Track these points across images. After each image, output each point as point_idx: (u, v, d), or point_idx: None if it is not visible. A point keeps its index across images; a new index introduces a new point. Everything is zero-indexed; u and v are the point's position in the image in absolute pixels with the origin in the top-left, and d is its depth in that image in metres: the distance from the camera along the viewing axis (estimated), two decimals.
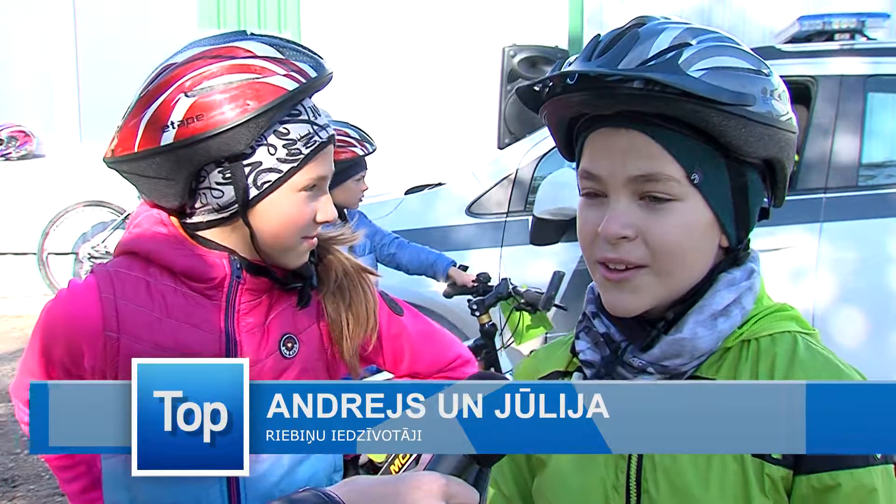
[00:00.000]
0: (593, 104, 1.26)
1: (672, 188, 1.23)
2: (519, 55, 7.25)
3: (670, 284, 1.27)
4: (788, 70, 4.92)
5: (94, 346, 1.72)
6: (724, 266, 1.31)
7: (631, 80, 1.20)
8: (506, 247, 5.00)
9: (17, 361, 7.37)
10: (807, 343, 1.30)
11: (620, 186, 1.25)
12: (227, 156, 1.66)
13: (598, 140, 1.28)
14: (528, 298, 4.05)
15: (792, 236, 4.70)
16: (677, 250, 1.25)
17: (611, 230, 1.24)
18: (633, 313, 1.29)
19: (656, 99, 1.20)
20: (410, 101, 9.51)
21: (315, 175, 1.72)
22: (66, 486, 1.96)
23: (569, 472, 1.38)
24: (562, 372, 1.46)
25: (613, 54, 1.22)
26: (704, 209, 1.26)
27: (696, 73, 1.19)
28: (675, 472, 1.27)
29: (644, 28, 1.25)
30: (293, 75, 1.66)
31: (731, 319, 1.29)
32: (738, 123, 1.21)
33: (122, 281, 1.75)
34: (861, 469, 1.19)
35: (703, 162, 1.24)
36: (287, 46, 1.71)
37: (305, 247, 1.78)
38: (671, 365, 1.28)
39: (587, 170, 1.29)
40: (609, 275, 1.28)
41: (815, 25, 5.45)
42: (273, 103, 1.64)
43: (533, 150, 5.12)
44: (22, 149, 9.52)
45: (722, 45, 1.25)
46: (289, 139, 1.68)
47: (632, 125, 1.24)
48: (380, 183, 7.02)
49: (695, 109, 1.20)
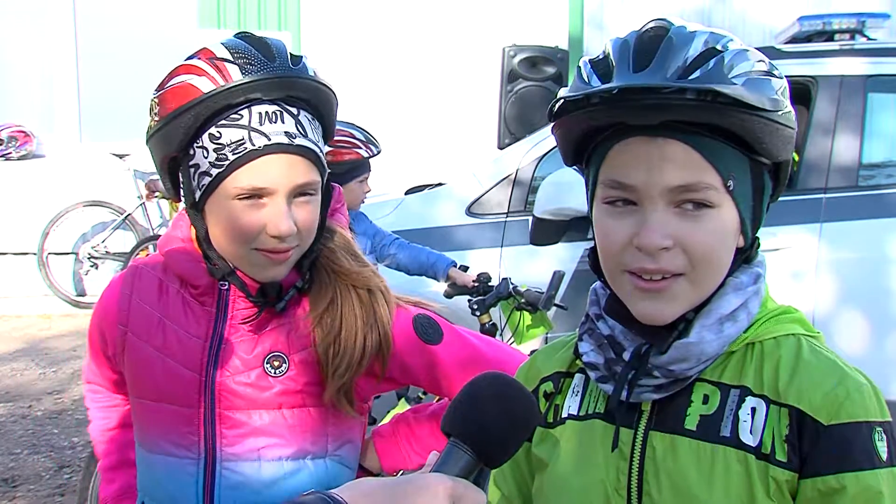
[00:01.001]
0: (639, 115, 1.22)
1: (711, 196, 1.23)
2: (519, 55, 7.26)
3: (702, 290, 1.27)
4: (788, 70, 4.86)
5: (112, 336, 1.85)
6: (736, 267, 1.31)
7: (684, 91, 1.18)
8: (506, 247, 4.98)
9: (18, 362, 7.43)
10: (811, 345, 1.29)
11: (657, 196, 1.23)
12: (169, 155, 1.68)
13: (629, 149, 1.24)
14: (529, 298, 4.05)
15: (792, 236, 4.69)
16: (714, 257, 1.25)
17: (652, 242, 1.22)
18: (667, 321, 1.28)
19: (708, 109, 1.19)
20: (410, 101, 9.52)
21: (248, 185, 1.62)
22: (106, 486, 2.04)
23: (569, 472, 1.37)
24: (564, 373, 1.46)
25: (658, 64, 1.20)
26: (734, 213, 1.26)
27: (737, 80, 1.19)
28: (677, 473, 1.27)
29: (673, 33, 1.23)
30: (215, 78, 1.61)
31: (737, 324, 1.29)
32: (772, 129, 1.22)
33: (141, 279, 1.84)
34: (867, 472, 1.19)
35: (735, 168, 1.24)
36: (245, 50, 1.64)
37: (262, 259, 1.68)
38: (677, 369, 1.27)
39: (617, 179, 1.25)
40: (643, 284, 1.26)
41: (815, 26, 5.43)
42: (183, 107, 1.61)
43: (533, 151, 5.10)
44: (22, 149, 9.52)
45: (742, 50, 1.24)
46: (219, 143, 1.62)
47: (667, 134, 1.22)
48: (380, 183, 7.03)
49: (742, 118, 1.20)
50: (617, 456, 1.32)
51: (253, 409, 1.75)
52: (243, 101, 1.61)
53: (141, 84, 9.55)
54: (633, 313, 1.30)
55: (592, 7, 9.80)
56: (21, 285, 9.21)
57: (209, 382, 1.75)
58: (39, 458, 5.38)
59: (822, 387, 1.23)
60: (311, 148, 1.65)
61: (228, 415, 1.75)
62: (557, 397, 1.45)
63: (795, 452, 1.22)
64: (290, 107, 1.64)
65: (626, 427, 1.32)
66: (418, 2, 9.79)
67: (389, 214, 5.17)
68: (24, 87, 9.96)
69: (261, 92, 1.61)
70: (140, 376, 1.82)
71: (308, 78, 1.65)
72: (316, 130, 1.69)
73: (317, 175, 1.68)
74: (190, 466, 1.75)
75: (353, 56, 9.23)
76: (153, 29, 9.73)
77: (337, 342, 1.74)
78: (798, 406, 1.22)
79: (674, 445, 1.28)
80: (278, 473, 1.76)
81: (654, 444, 1.29)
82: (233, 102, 1.61)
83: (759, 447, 1.23)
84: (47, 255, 9.11)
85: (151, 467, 1.82)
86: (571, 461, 1.38)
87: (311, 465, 1.78)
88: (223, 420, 1.75)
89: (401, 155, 8.53)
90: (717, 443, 1.26)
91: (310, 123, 1.67)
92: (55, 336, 8.22)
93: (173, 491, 1.76)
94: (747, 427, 1.25)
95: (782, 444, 1.22)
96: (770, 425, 1.24)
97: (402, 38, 9.65)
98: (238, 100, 1.61)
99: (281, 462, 1.76)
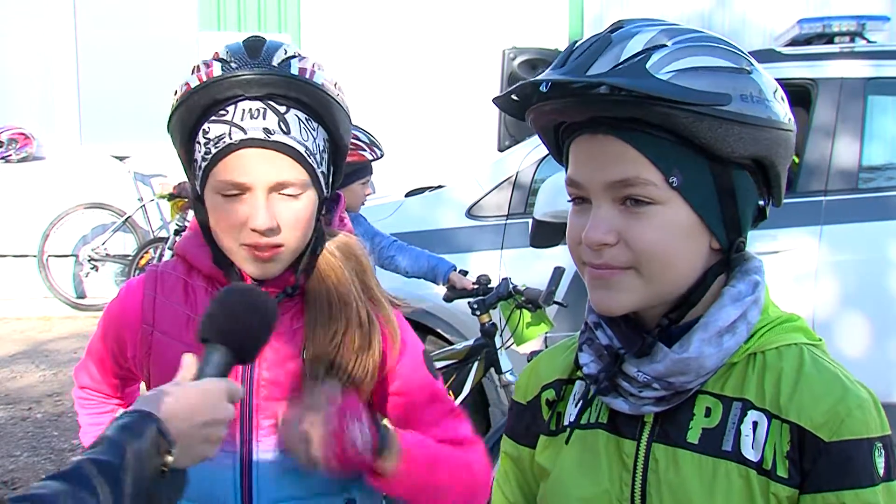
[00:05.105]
0: (566, 112, 1.26)
1: (651, 192, 1.22)
2: (519, 57, 7.24)
3: (656, 287, 1.26)
4: (788, 73, 4.92)
5: (134, 338, 1.84)
6: (717, 269, 1.29)
7: (596, 86, 1.19)
8: (506, 249, 4.99)
9: (18, 364, 7.42)
10: (814, 357, 1.28)
11: (600, 192, 1.24)
12: (179, 149, 1.74)
13: (578, 146, 1.27)
14: (529, 295, 4.08)
15: (792, 239, 4.69)
16: (660, 253, 1.23)
17: (592, 237, 1.24)
18: (618, 311, 1.28)
19: (624, 104, 1.19)
20: (410, 104, 9.52)
21: (227, 178, 1.66)
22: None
23: (572, 481, 1.38)
24: (564, 380, 1.46)
25: (583, 60, 1.21)
26: (686, 211, 1.24)
27: (665, 75, 1.18)
28: (679, 486, 1.27)
29: (618, 32, 1.24)
30: (201, 76, 1.66)
31: (736, 336, 1.27)
32: (713, 124, 1.19)
33: (164, 280, 1.85)
34: (866, 489, 1.19)
35: (681, 164, 1.22)
36: (235, 50, 1.68)
37: (247, 255, 1.70)
38: (677, 382, 1.27)
39: (570, 176, 1.29)
40: (595, 271, 1.27)
41: (815, 28, 5.43)
42: (177, 102, 1.68)
43: (533, 153, 5.10)
44: (22, 151, 9.53)
45: (699, 45, 1.23)
46: (207, 138, 1.67)
47: (607, 131, 1.23)
48: (380, 185, 7.03)
49: (663, 112, 1.18)
50: (621, 467, 1.32)
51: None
52: (229, 97, 1.65)
53: (141, 86, 9.53)
54: (591, 304, 1.32)
55: (593, 9, 9.80)
56: (21, 287, 9.21)
57: (246, 373, 1.75)
58: (39, 460, 5.38)
59: (823, 403, 1.22)
60: (291, 145, 1.66)
61: (266, 405, 1.75)
62: (560, 404, 1.45)
63: (796, 468, 1.22)
64: (278, 105, 1.66)
65: (629, 439, 1.33)
66: (418, 4, 9.79)
67: (389, 217, 5.17)
68: (24, 89, 9.96)
69: (240, 88, 1.64)
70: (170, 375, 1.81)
71: (288, 76, 1.66)
72: (311, 131, 1.70)
73: (301, 174, 1.68)
74: (226, 459, 1.74)
75: (353, 58, 9.24)
76: (153, 31, 9.74)
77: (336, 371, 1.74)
78: (799, 423, 1.22)
79: (676, 458, 1.28)
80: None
81: (657, 457, 1.29)
82: (219, 98, 1.65)
83: (760, 462, 1.23)
84: (47, 258, 9.12)
85: None
86: (575, 471, 1.38)
87: None
88: (261, 411, 1.75)
89: (401, 157, 8.52)
90: (718, 457, 1.26)
91: (301, 123, 1.68)
92: (55, 338, 8.22)
93: (209, 486, 1.74)
94: (749, 442, 1.25)
95: (783, 460, 1.23)
96: (771, 441, 1.24)
97: (401, 41, 9.66)
98: (224, 96, 1.65)
99: None
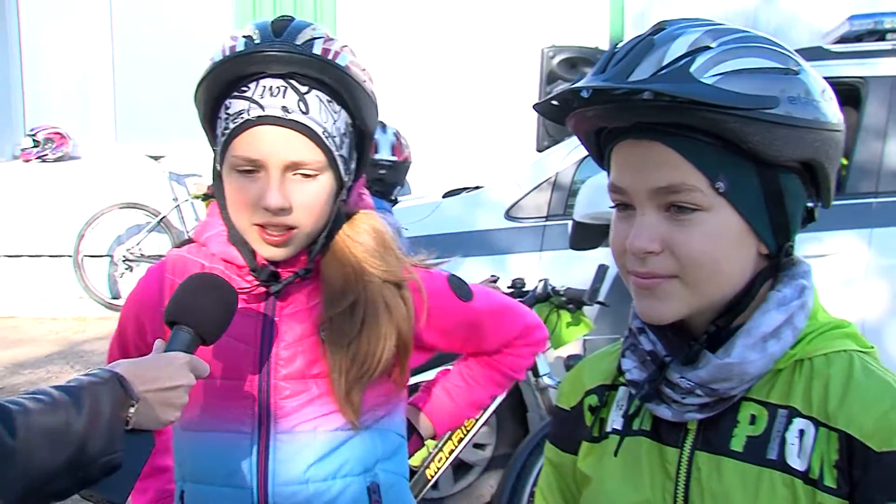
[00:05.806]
0: (608, 117, 1.25)
1: (696, 198, 1.20)
2: (558, 56, 7.17)
3: (703, 294, 1.24)
4: (837, 71, 4.83)
5: (154, 321, 1.83)
6: (766, 274, 1.26)
7: (639, 92, 1.17)
8: (545, 251, 4.94)
9: (54, 364, 7.44)
10: (864, 364, 1.24)
11: (645, 199, 1.23)
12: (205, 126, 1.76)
13: (620, 152, 1.26)
14: (570, 295, 4.03)
15: (840, 242, 4.60)
16: (706, 261, 1.21)
17: (637, 245, 1.22)
18: (664, 321, 1.26)
19: (668, 109, 1.17)
20: (447, 103, 9.48)
21: (241, 154, 1.66)
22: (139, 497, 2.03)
23: (615, 490, 1.36)
24: (608, 386, 1.44)
25: (624, 65, 1.20)
26: (734, 217, 1.22)
27: (710, 78, 1.16)
28: (722, 495, 1.24)
29: (660, 35, 1.22)
30: (224, 51, 1.67)
31: (782, 341, 1.25)
32: (760, 128, 1.17)
33: (183, 264, 1.85)
34: None
35: (727, 169, 1.20)
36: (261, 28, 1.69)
37: (258, 236, 1.70)
38: (720, 388, 1.24)
39: (613, 182, 1.27)
40: (640, 281, 1.25)
41: (865, 25, 5.34)
42: (202, 76, 1.69)
43: (573, 154, 5.04)
44: (58, 151, 9.59)
45: (745, 46, 1.20)
46: (227, 114, 1.68)
47: (651, 136, 1.21)
48: (418, 186, 6.99)
49: (709, 117, 1.16)
50: (663, 475, 1.30)
51: (309, 378, 1.75)
52: (251, 73, 1.65)
53: (177, 85, 9.54)
54: (637, 312, 1.31)
55: (634, 7, 9.70)
56: (56, 288, 9.27)
57: (265, 353, 1.76)
58: None
59: (873, 411, 1.18)
60: (308, 125, 1.65)
61: (284, 385, 1.75)
62: (602, 410, 1.43)
63: (845, 478, 1.18)
64: (299, 85, 1.65)
65: (672, 447, 1.31)
66: (456, 2, 9.75)
67: (427, 217, 5.14)
68: (59, 88, 10.04)
69: (262, 65, 1.64)
70: None
71: (310, 55, 1.65)
72: (332, 113, 1.68)
73: (318, 155, 1.67)
74: (244, 440, 1.75)
75: (391, 57, 9.19)
76: (189, 29, 9.77)
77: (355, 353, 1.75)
78: (848, 431, 1.18)
79: (719, 467, 1.26)
80: (333, 443, 1.76)
81: (700, 465, 1.27)
82: (241, 74, 1.65)
83: (806, 472, 1.20)
84: (82, 258, 9.16)
85: (199, 448, 1.80)
86: (617, 478, 1.36)
87: (366, 434, 1.80)
88: (278, 391, 1.75)
89: (438, 157, 8.50)
90: (763, 465, 1.23)
91: (322, 104, 1.67)
92: (90, 339, 8.25)
93: (226, 467, 1.76)
94: (795, 450, 1.22)
95: (831, 470, 1.19)
96: (819, 449, 1.20)
97: (439, 39, 9.62)
98: (246, 72, 1.65)
99: (336, 433, 1.77)
